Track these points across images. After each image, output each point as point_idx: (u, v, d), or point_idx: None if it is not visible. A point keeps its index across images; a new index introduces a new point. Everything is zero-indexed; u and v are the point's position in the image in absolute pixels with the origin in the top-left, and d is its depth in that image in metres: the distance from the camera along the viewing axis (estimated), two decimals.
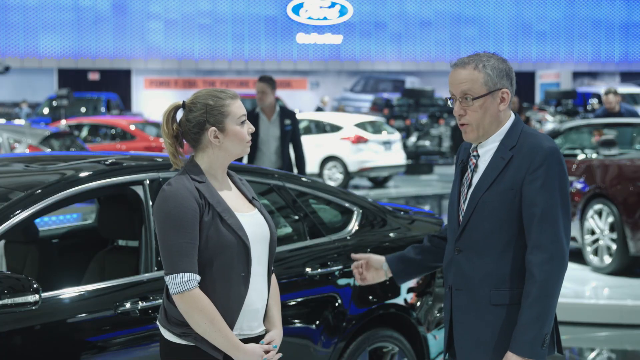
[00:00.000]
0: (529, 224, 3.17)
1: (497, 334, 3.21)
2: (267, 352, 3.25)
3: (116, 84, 34.40)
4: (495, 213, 3.20)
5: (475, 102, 3.23)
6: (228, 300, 3.19)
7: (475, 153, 3.31)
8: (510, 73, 3.27)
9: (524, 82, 37.42)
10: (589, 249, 9.59)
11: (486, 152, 3.28)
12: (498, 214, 3.20)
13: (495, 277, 3.21)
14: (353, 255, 3.68)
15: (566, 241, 3.18)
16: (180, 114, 3.32)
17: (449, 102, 3.32)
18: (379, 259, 3.62)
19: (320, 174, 18.64)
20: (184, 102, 3.31)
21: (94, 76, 34.70)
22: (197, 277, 3.14)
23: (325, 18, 35.18)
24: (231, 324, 3.19)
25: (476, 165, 3.30)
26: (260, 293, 3.30)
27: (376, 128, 19.43)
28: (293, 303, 4.43)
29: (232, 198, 3.30)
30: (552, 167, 3.16)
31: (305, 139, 19.29)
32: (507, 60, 3.30)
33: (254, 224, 3.29)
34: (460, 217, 3.29)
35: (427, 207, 15.21)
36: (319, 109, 28.02)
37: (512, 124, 3.29)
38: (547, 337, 3.14)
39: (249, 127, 3.29)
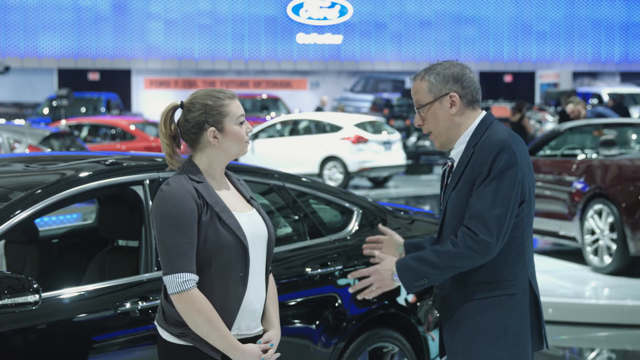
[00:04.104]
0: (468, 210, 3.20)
1: (472, 330, 3.26)
2: (265, 351, 3.26)
3: (116, 84, 34.39)
4: (459, 209, 3.25)
5: (422, 111, 3.32)
6: (226, 300, 3.19)
7: (450, 157, 3.38)
8: (461, 77, 3.29)
9: (524, 82, 37.42)
10: (589, 249, 9.58)
11: (457, 153, 3.35)
12: (461, 209, 3.24)
13: (464, 273, 3.25)
14: (381, 227, 3.61)
15: (497, 235, 3.16)
16: (178, 115, 3.32)
17: None
18: (399, 239, 3.56)
19: (320, 174, 18.63)
20: (182, 102, 3.30)
21: (94, 76, 34.69)
22: (196, 277, 3.14)
23: (325, 18, 35.16)
24: (229, 324, 3.19)
25: (452, 167, 3.36)
26: (258, 293, 3.30)
27: (376, 128, 19.43)
28: (293, 303, 4.43)
29: (230, 198, 3.30)
30: (496, 161, 3.18)
31: (306, 139, 19.42)
32: (463, 65, 3.33)
33: (252, 224, 3.28)
34: None
35: (427, 207, 15.21)
36: (318, 109, 28.01)
37: (479, 122, 3.32)
38: (424, 281, 3.21)
39: (247, 127, 3.29)
